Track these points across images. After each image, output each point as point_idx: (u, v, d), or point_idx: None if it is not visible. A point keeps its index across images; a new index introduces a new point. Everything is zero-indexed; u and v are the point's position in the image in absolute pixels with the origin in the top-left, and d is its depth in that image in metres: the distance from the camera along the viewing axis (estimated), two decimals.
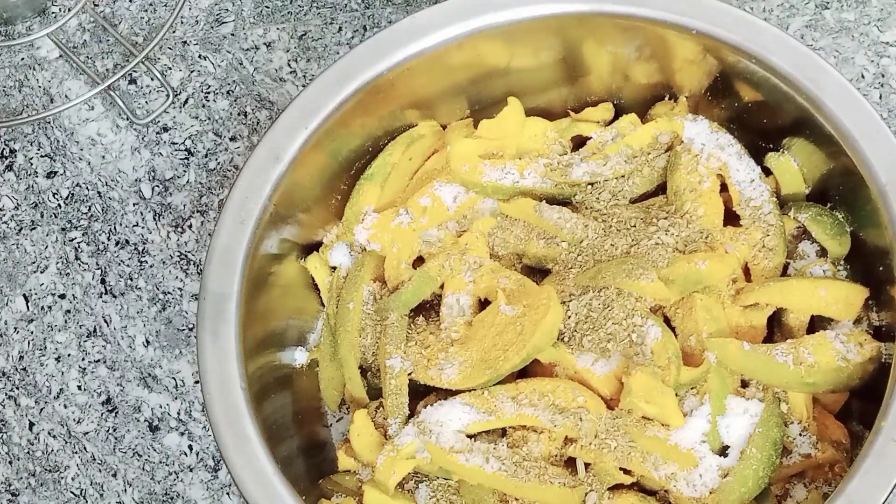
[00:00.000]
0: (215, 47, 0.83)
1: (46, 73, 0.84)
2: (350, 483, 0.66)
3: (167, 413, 0.74)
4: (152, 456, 0.74)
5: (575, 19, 0.65)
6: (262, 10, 0.84)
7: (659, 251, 0.63)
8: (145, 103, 0.82)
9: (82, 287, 0.78)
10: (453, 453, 0.61)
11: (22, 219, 0.80)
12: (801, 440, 0.61)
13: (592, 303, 0.63)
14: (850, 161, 0.61)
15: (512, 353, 0.62)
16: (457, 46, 0.66)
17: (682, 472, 0.60)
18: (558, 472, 0.61)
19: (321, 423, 0.72)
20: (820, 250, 0.66)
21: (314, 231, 0.71)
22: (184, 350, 0.76)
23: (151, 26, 0.84)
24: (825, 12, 0.79)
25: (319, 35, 0.82)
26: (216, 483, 0.73)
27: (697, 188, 0.66)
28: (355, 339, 0.67)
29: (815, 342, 0.61)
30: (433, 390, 0.65)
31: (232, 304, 0.62)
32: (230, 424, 0.60)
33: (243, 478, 0.59)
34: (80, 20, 0.85)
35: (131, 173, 0.80)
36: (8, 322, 0.78)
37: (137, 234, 0.79)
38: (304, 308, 0.71)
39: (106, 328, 0.77)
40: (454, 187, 0.68)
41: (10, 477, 0.74)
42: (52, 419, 0.75)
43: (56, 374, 0.76)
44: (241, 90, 0.82)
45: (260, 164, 0.64)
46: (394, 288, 0.67)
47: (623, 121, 0.70)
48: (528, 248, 0.67)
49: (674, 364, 0.60)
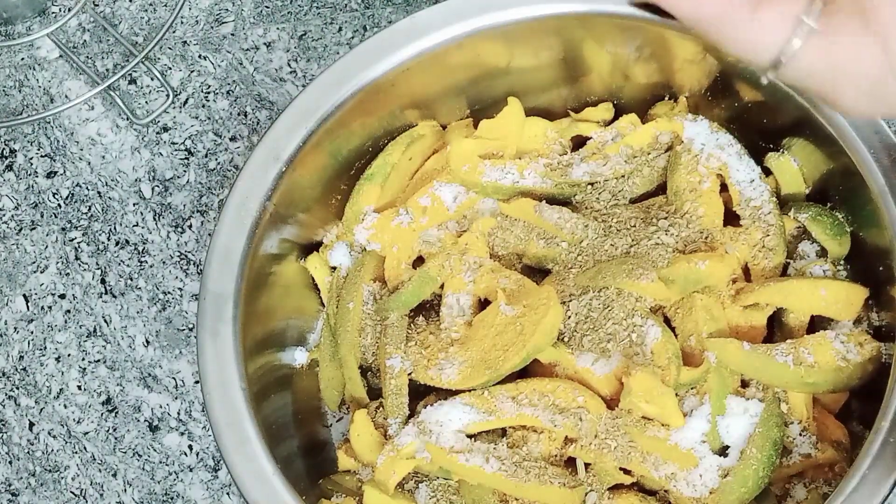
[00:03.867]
0: (215, 47, 0.83)
1: (46, 73, 0.84)
2: (350, 483, 0.66)
3: (167, 413, 0.74)
4: (152, 456, 0.74)
5: (575, 19, 0.65)
6: (262, 10, 0.84)
7: (659, 251, 0.63)
8: (145, 103, 0.82)
9: (82, 287, 0.78)
10: (453, 453, 0.61)
11: (22, 219, 0.80)
12: (801, 440, 0.61)
13: (592, 303, 0.63)
14: (850, 161, 0.60)
15: (512, 353, 0.62)
16: (457, 46, 0.66)
17: (682, 472, 0.60)
18: (558, 472, 0.61)
19: (321, 423, 0.72)
20: (820, 250, 0.66)
21: (314, 231, 0.71)
22: (184, 350, 0.76)
23: (151, 26, 0.84)
24: None
25: (319, 35, 0.82)
26: (216, 483, 0.73)
27: (697, 188, 0.66)
28: (355, 339, 0.67)
29: (815, 342, 0.61)
30: (433, 390, 0.65)
31: (232, 304, 0.62)
32: (230, 424, 0.60)
33: (243, 478, 0.59)
34: (80, 20, 0.85)
35: (131, 173, 0.80)
36: (8, 322, 0.78)
37: (137, 234, 0.79)
38: (304, 308, 0.71)
39: (106, 328, 0.77)
40: (454, 187, 0.68)
41: (10, 477, 0.74)
42: (52, 419, 0.75)
43: (56, 374, 0.76)
44: (241, 90, 0.82)
45: (260, 164, 0.64)
46: (394, 288, 0.67)
47: (623, 121, 0.70)
48: (528, 248, 0.67)
49: (674, 364, 0.60)
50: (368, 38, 0.66)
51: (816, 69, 0.31)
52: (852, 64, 0.30)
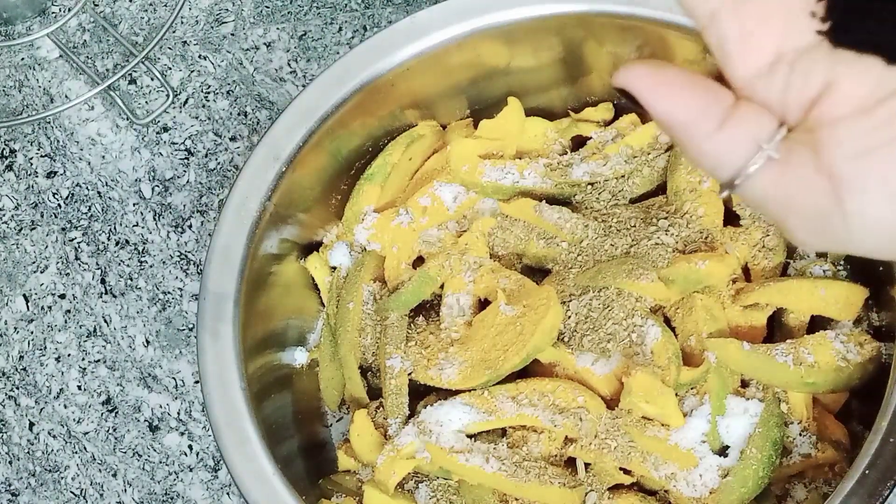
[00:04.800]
0: (215, 47, 0.83)
1: (46, 73, 0.84)
2: (350, 483, 0.66)
3: (167, 413, 0.74)
4: (152, 456, 0.74)
5: (575, 19, 0.65)
6: (262, 10, 0.84)
7: (659, 251, 0.63)
8: (145, 103, 0.82)
9: (82, 287, 0.78)
10: (453, 453, 0.61)
11: (22, 219, 0.80)
12: (801, 440, 0.61)
13: (592, 303, 0.63)
14: None
15: (512, 353, 0.62)
16: (457, 46, 0.66)
17: (682, 472, 0.60)
18: (558, 472, 0.61)
19: (321, 423, 0.72)
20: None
21: (314, 231, 0.71)
22: (184, 350, 0.76)
23: (151, 26, 0.84)
24: None
25: (319, 35, 0.82)
26: (216, 483, 0.73)
27: (697, 188, 0.66)
28: (355, 339, 0.67)
29: (815, 342, 0.61)
30: (433, 390, 0.65)
31: (232, 304, 0.62)
32: (230, 424, 0.60)
33: (243, 478, 0.59)
34: (80, 20, 0.85)
35: (131, 173, 0.80)
36: (8, 322, 0.78)
37: (137, 234, 0.79)
38: (304, 308, 0.71)
39: (106, 328, 0.77)
40: (454, 187, 0.68)
41: (10, 477, 0.74)
42: (52, 419, 0.75)
43: (56, 374, 0.76)
44: (241, 90, 0.82)
45: (260, 164, 0.64)
46: (394, 288, 0.67)
47: (623, 121, 0.70)
48: (528, 248, 0.67)
49: (674, 364, 0.60)
50: (368, 38, 0.66)
51: (770, 195, 0.31)
52: (802, 198, 0.30)
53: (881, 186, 0.29)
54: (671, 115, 0.32)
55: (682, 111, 0.31)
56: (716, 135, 0.31)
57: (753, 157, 0.31)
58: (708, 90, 0.32)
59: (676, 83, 0.32)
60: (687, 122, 0.31)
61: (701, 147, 0.31)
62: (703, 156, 0.32)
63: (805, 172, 0.30)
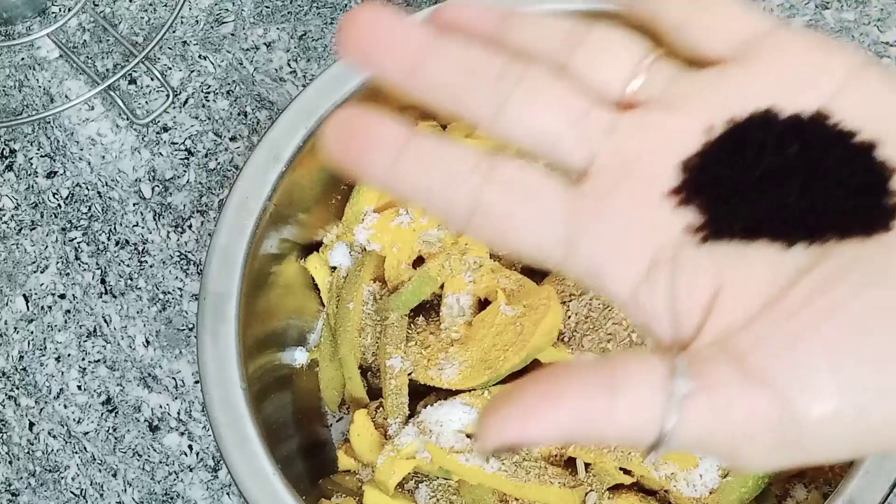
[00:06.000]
0: (215, 47, 0.83)
1: (46, 73, 0.84)
2: (350, 483, 0.66)
3: (167, 413, 0.74)
4: (152, 456, 0.74)
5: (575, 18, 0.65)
6: (262, 10, 0.84)
7: None
8: (145, 103, 0.82)
9: (82, 287, 0.78)
10: (453, 453, 0.61)
11: (22, 219, 0.80)
12: None
13: (592, 303, 0.63)
14: None
15: (512, 353, 0.62)
16: None
17: (682, 472, 0.60)
18: (558, 472, 0.61)
19: (321, 423, 0.72)
20: None
21: (314, 231, 0.71)
22: (184, 350, 0.76)
23: (151, 26, 0.84)
24: (825, 12, 0.79)
25: (319, 35, 0.82)
26: (216, 483, 0.73)
27: None
28: (355, 339, 0.67)
29: None
30: (433, 390, 0.65)
31: (232, 304, 0.62)
32: (230, 424, 0.60)
33: (243, 478, 0.59)
34: (80, 20, 0.85)
35: (131, 173, 0.80)
36: (8, 322, 0.78)
37: (137, 234, 0.79)
38: (304, 308, 0.71)
39: (106, 328, 0.77)
40: None
41: (10, 477, 0.74)
42: (52, 419, 0.75)
43: (56, 374, 0.76)
44: (241, 90, 0.82)
45: (260, 164, 0.64)
46: (394, 288, 0.67)
47: None
48: None
49: None
50: None
51: (709, 432, 0.26)
52: (745, 417, 0.26)
53: (830, 374, 0.25)
54: (562, 428, 0.26)
55: (565, 414, 0.26)
56: (614, 410, 0.26)
57: (669, 404, 0.26)
58: (572, 381, 0.26)
59: (540, 398, 0.26)
60: (575, 419, 0.26)
61: (608, 433, 0.26)
62: (618, 438, 0.26)
63: (735, 389, 0.25)
